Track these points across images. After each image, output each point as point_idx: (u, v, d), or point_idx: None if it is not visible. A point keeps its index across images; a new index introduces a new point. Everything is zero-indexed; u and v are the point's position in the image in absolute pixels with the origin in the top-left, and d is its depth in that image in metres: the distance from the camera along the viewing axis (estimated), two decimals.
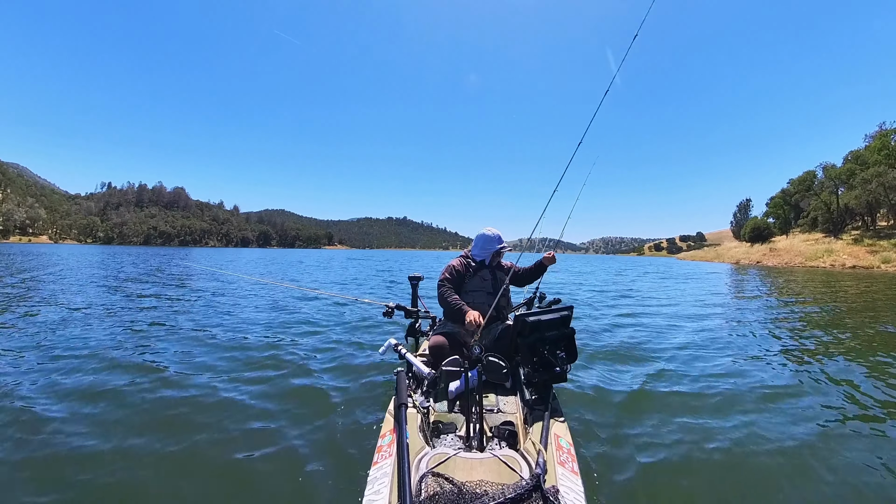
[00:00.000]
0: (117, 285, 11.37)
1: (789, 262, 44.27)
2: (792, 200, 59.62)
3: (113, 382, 3.53)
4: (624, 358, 4.65)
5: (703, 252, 68.04)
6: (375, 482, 1.54)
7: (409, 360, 2.51)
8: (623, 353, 4.89)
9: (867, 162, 47.33)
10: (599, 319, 7.39)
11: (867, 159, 48.48)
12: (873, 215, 48.28)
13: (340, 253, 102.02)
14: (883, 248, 39.25)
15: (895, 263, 35.14)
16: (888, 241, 40.77)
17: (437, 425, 2.01)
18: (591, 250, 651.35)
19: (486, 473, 1.50)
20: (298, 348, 4.79)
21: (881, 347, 5.41)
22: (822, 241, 48.06)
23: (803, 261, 43.05)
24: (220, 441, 2.58)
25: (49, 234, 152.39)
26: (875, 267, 35.99)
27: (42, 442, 2.52)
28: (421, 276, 4.01)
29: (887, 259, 36.33)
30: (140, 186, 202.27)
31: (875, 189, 42.87)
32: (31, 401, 3.10)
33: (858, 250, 40.79)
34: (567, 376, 2.12)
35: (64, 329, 5.46)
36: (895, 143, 46.10)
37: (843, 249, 42.17)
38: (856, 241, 44.13)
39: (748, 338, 6.03)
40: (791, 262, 43.86)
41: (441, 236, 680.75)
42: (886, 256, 36.81)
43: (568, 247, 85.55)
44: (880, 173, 42.40)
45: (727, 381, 3.93)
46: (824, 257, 41.55)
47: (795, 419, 3.08)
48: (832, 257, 40.90)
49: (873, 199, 44.38)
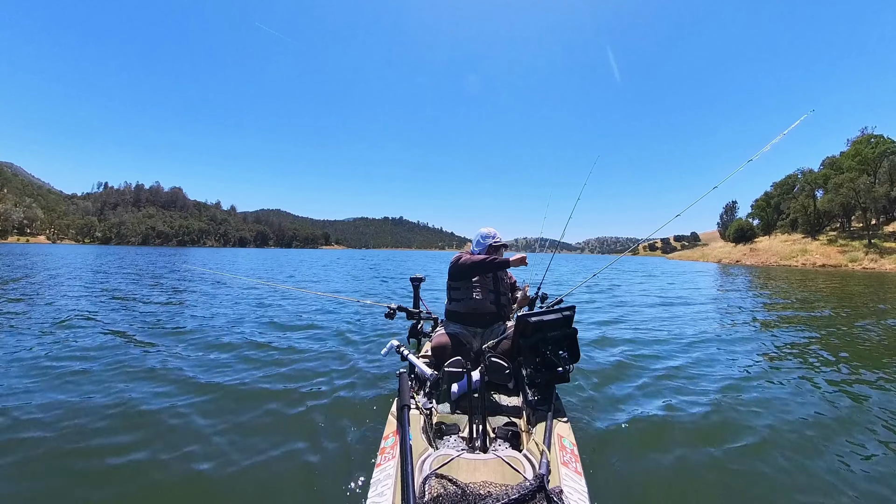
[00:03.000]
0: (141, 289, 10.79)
1: (766, 261, 47.14)
2: (772, 203, 62.68)
3: (112, 382, 3.58)
4: (625, 359, 4.63)
5: (690, 252, 70.90)
6: (379, 484, 1.55)
7: (411, 361, 2.49)
8: (623, 354, 4.87)
9: (842, 168, 50.18)
10: (590, 318, 7.47)
11: (842, 165, 51.39)
12: (848, 217, 50.99)
13: (339, 253, 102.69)
14: (853, 248, 42.03)
15: (861, 262, 37.89)
16: (859, 241, 43.51)
17: (440, 427, 2.02)
18: (587, 250, 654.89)
19: (490, 474, 1.51)
20: (300, 350, 4.84)
21: (781, 323, 7.37)
22: (800, 241, 50.88)
23: (778, 260, 45.94)
24: (221, 443, 2.61)
25: (47, 234, 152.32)
26: (843, 266, 38.73)
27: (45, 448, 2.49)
28: (423, 278, 3.98)
29: (854, 258, 39.10)
30: (137, 186, 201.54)
31: (846, 193, 45.54)
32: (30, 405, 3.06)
33: (831, 250, 43.60)
34: (569, 376, 2.12)
35: (75, 336, 5.19)
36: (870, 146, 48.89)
37: (817, 250, 45.03)
38: (830, 242, 46.94)
39: (744, 335, 6.23)
40: (768, 261, 46.70)
41: (437, 236, 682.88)
42: (854, 256, 39.60)
43: (563, 246, 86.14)
44: (851, 179, 45.08)
45: (729, 380, 3.96)
46: (798, 257, 44.42)
47: (803, 419, 3.09)
48: (805, 257, 43.78)
49: (846, 203, 47.09)
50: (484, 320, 2.88)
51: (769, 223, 64.51)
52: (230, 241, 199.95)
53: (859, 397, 3.61)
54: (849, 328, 7.08)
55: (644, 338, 5.87)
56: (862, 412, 3.29)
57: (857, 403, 3.45)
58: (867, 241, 41.90)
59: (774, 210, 63.44)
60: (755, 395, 3.59)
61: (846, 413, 3.24)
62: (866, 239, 42.64)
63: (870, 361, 4.82)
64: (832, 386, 3.88)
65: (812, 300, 11.56)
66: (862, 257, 38.76)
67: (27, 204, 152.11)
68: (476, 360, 2.24)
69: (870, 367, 4.53)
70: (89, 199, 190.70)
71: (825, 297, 12.55)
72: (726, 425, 2.96)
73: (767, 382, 3.92)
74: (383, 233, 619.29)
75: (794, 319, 8.01)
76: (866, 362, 4.77)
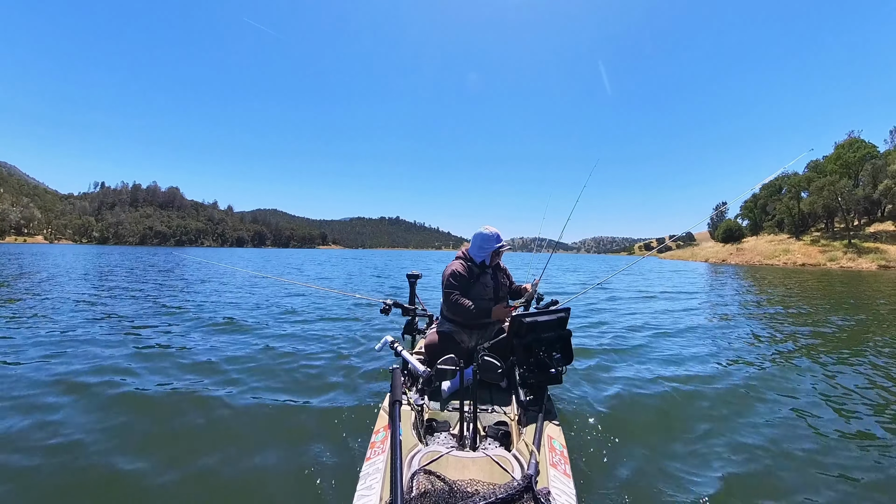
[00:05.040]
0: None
1: (750, 260, 49.08)
2: (759, 204, 64.91)
3: (110, 383, 3.54)
4: (618, 360, 4.67)
5: (681, 252, 72.87)
6: (367, 477, 1.57)
7: (404, 357, 2.51)
8: (617, 355, 4.91)
9: (825, 171, 52.24)
10: (585, 320, 7.50)
11: (825, 168, 53.51)
12: (832, 218, 52.99)
13: (338, 252, 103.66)
14: (834, 248, 43.93)
15: (839, 261, 39.78)
16: (840, 242, 45.39)
17: (430, 423, 2.06)
18: (583, 249, 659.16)
19: (478, 473, 1.53)
20: (295, 343, 4.89)
21: (781, 324, 8.42)
22: (784, 241, 52.85)
23: (762, 259, 47.86)
24: (212, 436, 2.63)
25: (44, 234, 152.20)
26: (822, 264, 40.63)
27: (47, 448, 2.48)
28: (419, 274, 4.01)
29: (833, 258, 41.01)
30: (134, 186, 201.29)
31: (827, 196, 47.47)
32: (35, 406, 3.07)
33: (812, 250, 45.51)
34: (562, 378, 2.13)
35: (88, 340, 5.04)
36: (852, 150, 51.02)
37: (799, 249, 46.98)
38: (813, 242, 48.86)
39: (731, 334, 6.42)
40: (751, 261, 48.63)
41: (434, 236, 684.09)
42: (833, 255, 41.51)
43: (560, 246, 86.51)
44: (832, 182, 47.01)
45: (719, 381, 4.00)
46: (780, 256, 46.37)
47: (792, 419, 3.13)
48: (787, 256, 45.73)
49: (829, 205, 49.03)
50: (481, 324, 2.88)
51: (756, 224, 66.66)
52: (228, 240, 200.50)
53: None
54: (765, 320, 8.25)
55: (635, 342, 5.83)
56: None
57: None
58: (847, 242, 43.80)
59: (762, 211, 65.63)
60: (748, 399, 3.59)
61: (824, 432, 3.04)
62: (847, 239, 44.53)
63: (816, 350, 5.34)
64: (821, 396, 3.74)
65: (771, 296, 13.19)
66: (841, 257, 40.65)
67: (24, 204, 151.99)
68: (469, 358, 2.28)
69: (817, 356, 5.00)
70: (86, 199, 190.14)
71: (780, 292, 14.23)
72: (719, 431, 2.93)
73: (762, 386, 3.88)
74: (380, 233, 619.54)
75: (791, 320, 8.12)
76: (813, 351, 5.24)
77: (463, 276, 2.82)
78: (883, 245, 40.20)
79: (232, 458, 2.39)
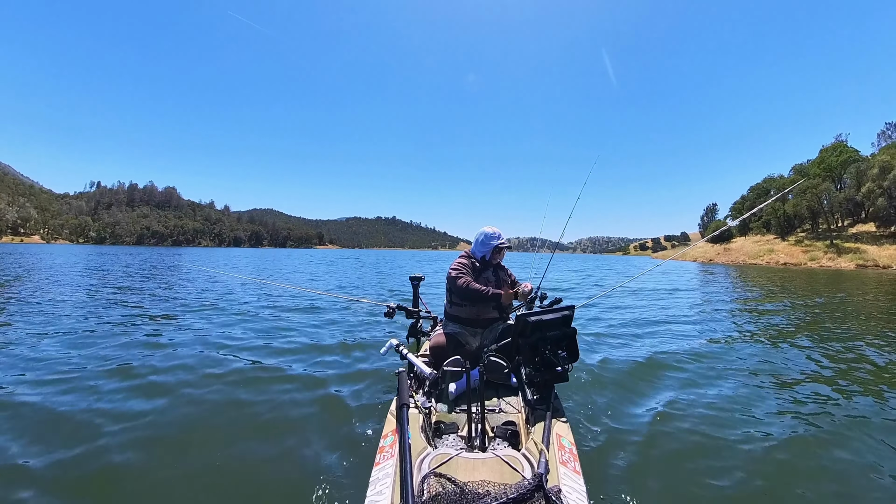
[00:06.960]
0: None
1: (736, 259, 51.05)
2: (747, 206, 66.82)
3: (110, 381, 3.59)
4: (624, 359, 4.64)
5: (672, 252, 74.74)
6: (377, 483, 1.56)
7: (410, 360, 2.51)
8: (622, 354, 4.89)
9: (809, 174, 54.12)
10: (589, 317, 7.51)
11: (809, 171, 55.42)
12: (816, 220, 54.82)
13: (336, 252, 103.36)
14: (816, 248, 45.79)
15: (820, 261, 41.60)
16: (823, 242, 47.21)
17: (438, 426, 2.04)
18: (579, 249, 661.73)
19: (489, 473, 1.52)
20: (299, 349, 4.89)
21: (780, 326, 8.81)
22: (770, 242, 54.78)
23: (747, 259, 49.78)
24: (220, 442, 2.64)
25: (41, 234, 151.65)
26: (804, 264, 42.45)
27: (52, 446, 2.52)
28: (422, 277, 3.98)
29: (814, 257, 42.89)
30: (131, 186, 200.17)
31: (809, 199, 49.29)
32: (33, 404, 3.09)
33: (795, 250, 47.39)
34: (568, 376, 2.13)
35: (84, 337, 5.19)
36: (835, 154, 52.84)
37: (783, 249, 48.90)
38: (798, 242, 50.79)
39: (731, 334, 6.40)
40: (737, 260, 50.58)
41: (430, 236, 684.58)
42: (814, 255, 43.38)
43: (557, 246, 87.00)
44: (814, 185, 48.83)
45: (730, 379, 3.98)
46: (765, 256, 48.26)
47: (807, 425, 3.04)
48: (771, 255, 47.63)
49: (812, 207, 50.86)
50: (485, 323, 2.91)
51: (745, 224, 68.62)
52: (225, 240, 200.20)
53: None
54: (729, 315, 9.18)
55: (643, 337, 5.91)
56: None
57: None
58: (829, 242, 45.63)
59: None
60: (755, 396, 3.55)
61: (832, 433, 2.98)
62: (829, 240, 46.36)
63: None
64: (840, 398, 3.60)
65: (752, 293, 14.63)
66: (821, 256, 42.49)
67: (21, 203, 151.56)
68: (475, 360, 2.31)
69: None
70: (82, 199, 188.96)
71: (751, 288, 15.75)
72: (727, 427, 2.92)
73: (769, 386, 3.86)
74: (376, 232, 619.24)
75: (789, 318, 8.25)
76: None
77: (468, 267, 2.92)
78: (864, 245, 42.00)
79: (238, 466, 2.38)
